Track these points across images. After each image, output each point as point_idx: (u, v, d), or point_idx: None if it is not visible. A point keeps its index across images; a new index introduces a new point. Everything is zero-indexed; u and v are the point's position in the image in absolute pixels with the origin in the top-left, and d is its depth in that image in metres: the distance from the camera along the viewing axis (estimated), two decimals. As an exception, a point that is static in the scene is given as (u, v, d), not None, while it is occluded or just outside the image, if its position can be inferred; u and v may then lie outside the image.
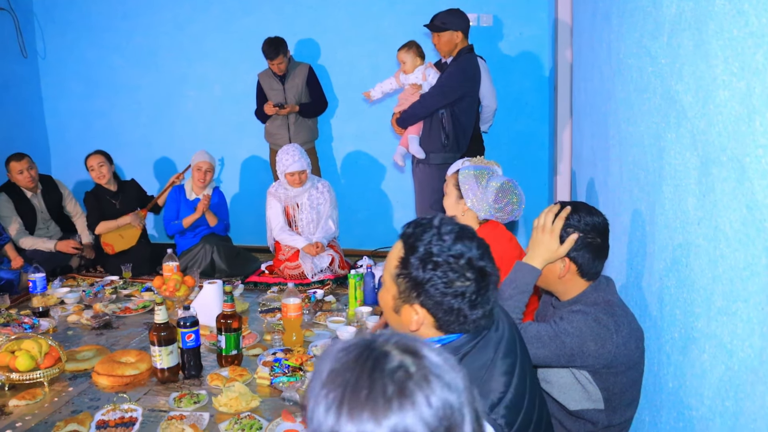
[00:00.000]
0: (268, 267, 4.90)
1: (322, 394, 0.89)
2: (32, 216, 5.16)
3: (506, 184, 2.70)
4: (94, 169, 5.12)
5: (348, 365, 0.90)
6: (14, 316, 3.87)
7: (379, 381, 0.87)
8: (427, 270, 1.43)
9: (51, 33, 6.16)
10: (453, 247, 1.43)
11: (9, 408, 2.79)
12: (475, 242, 1.47)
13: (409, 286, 1.46)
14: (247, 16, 5.69)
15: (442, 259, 1.42)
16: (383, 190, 5.75)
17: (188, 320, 2.99)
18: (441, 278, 1.42)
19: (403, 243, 1.50)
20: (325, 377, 0.91)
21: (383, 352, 0.91)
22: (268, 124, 5.35)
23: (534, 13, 5.19)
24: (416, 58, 4.26)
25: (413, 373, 0.88)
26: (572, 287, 2.03)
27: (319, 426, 0.88)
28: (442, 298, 1.43)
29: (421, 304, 1.47)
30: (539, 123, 5.35)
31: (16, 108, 5.96)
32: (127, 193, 5.30)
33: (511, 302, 2.05)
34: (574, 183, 4.01)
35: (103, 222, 5.10)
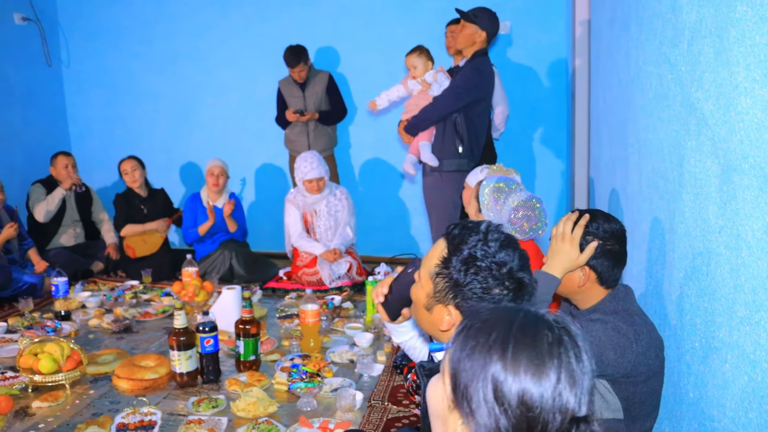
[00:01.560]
0: (286, 273, 4.92)
1: (481, 338, 0.94)
2: (61, 211, 5.28)
3: (525, 202, 2.62)
4: (128, 172, 5.23)
5: (509, 313, 0.97)
6: (37, 319, 3.93)
7: (542, 329, 0.94)
8: (469, 273, 1.43)
9: (74, 42, 6.25)
10: (498, 255, 1.43)
11: (32, 409, 2.82)
12: (518, 253, 1.47)
13: (448, 286, 1.47)
14: (265, 24, 5.74)
15: (485, 264, 1.43)
16: (401, 197, 5.76)
17: (207, 325, 3.02)
18: (481, 283, 1.43)
19: (448, 243, 1.49)
20: (482, 325, 0.97)
21: (538, 313, 0.98)
22: (288, 130, 5.39)
23: (551, 20, 5.19)
24: (427, 63, 4.17)
25: (565, 333, 0.96)
26: (591, 296, 2.02)
27: (474, 378, 0.92)
28: (479, 302, 1.43)
29: (455, 306, 1.47)
30: (557, 130, 5.34)
31: (41, 114, 6.06)
32: (155, 201, 5.39)
33: None
34: (592, 191, 3.99)
35: (130, 225, 5.19)
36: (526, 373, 0.89)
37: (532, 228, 2.62)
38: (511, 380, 0.89)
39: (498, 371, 0.90)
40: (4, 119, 5.63)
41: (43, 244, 5.21)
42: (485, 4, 4.34)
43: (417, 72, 4.14)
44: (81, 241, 5.40)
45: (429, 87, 4.09)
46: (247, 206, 5.97)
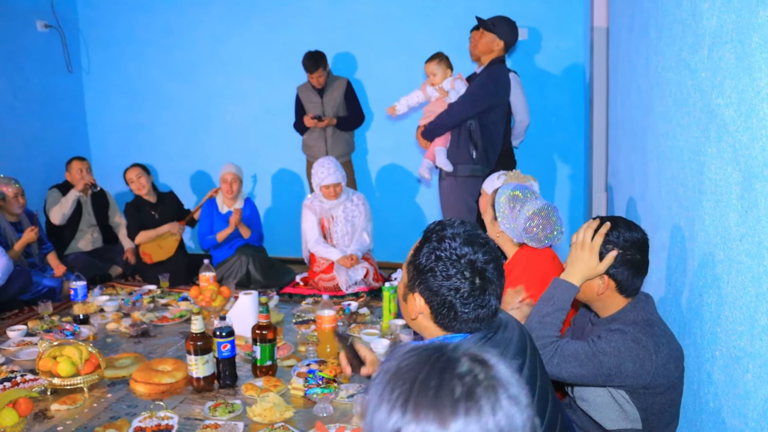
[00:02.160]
0: (303, 279, 4.93)
1: (386, 392, 0.89)
2: (77, 215, 5.33)
3: (540, 211, 2.59)
4: (134, 181, 5.26)
5: (418, 363, 0.91)
6: (56, 322, 3.97)
7: (449, 381, 0.87)
8: (431, 259, 1.53)
9: (95, 48, 6.32)
10: (460, 248, 1.52)
11: (51, 412, 2.85)
12: (484, 249, 1.54)
13: (414, 273, 1.58)
14: (284, 30, 5.77)
15: (446, 254, 1.52)
16: (417, 203, 5.76)
17: (224, 330, 3.03)
18: (441, 271, 1.51)
19: (423, 236, 1.61)
20: (392, 375, 0.91)
21: (454, 357, 0.91)
22: (306, 136, 5.41)
23: (570, 26, 5.17)
24: (447, 70, 4.22)
25: (482, 380, 0.88)
26: (611, 304, 2.00)
27: (381, 428, 0.87)
28: (438, 289, 1.52)
29: (420, 293, 1.57)
30: (575, 137, 5.32)
31: (61, 120, 6.13)
32: (165, 205, 5.42)
33: (548, 319, 2.02)
34: (610, 198, 3.97)
35: (143, 231, 5.22)
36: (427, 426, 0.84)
37: (547, 236, 2.61)
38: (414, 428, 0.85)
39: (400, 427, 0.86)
40: (26, 125, 5.71)
41: (61, 249, 5.27)
42: (504, 10, 4.35)
43: (436, 79, 4.19)
44: (99, 245, 5.46)
45: (446, 95, 4.13)
46: (264, 212, 5.99)
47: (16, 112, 5.61)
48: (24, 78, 5.69)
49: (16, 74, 5.61)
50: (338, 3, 5.62)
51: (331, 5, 5.64)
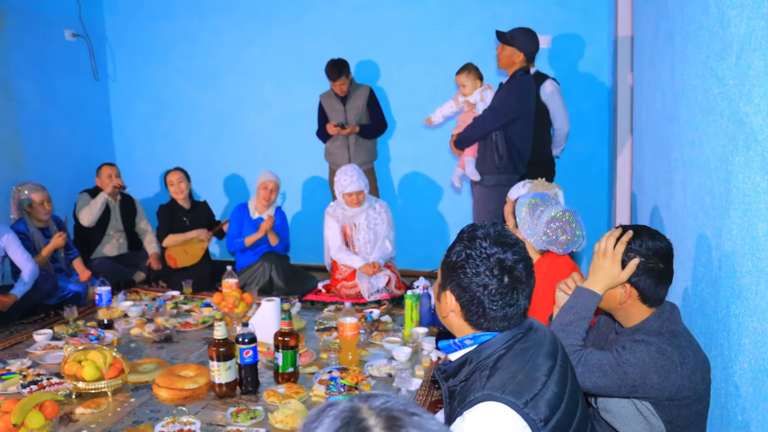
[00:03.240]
0: (325, 286, 4.94)
1: None
2: (105, 220, 5.40)
3: (560, 215, 2.59)
4: (174, 184, 5.33)
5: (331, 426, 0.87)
6: (81, 327, 4.02)
7: None
8: (461, 256, 1.59)
9: (121, 56, 6.41)
10: (490, 247, 1.57)
11: (75, 415, 2.88)
12: (514, 249, 1.58)
13: (446, 272, 1.63)
14: (307, 38, 5.81)
15: (476, 253, 1.57)
16: (440, 211, 5.75)
17: (246, 337, 3.04)
18: (471, 267, 1.56)
19: (457, 237, 1.66)
20: None
21: (364, 428, 0.86)
22: (329, 144, 5.43)
23: (593, 33, 5.14)
24: (476, 81, 4.28)
25: None
26: (634, 313, 1.98)
27: None
28: (468, 285, 1.57)
29: (451, 291, 1.62)
30: (598, 145, 5.28)
31: (88, 127, 6.22)
32: (198, 213, 5.48)
33: (571, 328, 2.01)
34: (634, 206, 3.93)
35: (171, 234, 5.27)
36: None
37: (568, 240, 2.59)
38: None
39: None
40: (53, 132, 5.80)
41: (87, 253, 5.33)
42: (526, 19, 4.35)
43: (466, 90, 4.30)
44: (124, 251, 5.52)
45: (474, 107, 4.20)
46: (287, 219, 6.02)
47: (45, 119, 5.70)
48: (52, 86, 5.79)
49: (44, 82, 5.70)
50: (361, 11, 5.64)
51: (353, 13, 5.66)
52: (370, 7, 5.62)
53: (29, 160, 5.52)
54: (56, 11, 5.80)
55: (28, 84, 5.53)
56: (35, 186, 4.82)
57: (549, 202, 2.65)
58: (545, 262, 2.66)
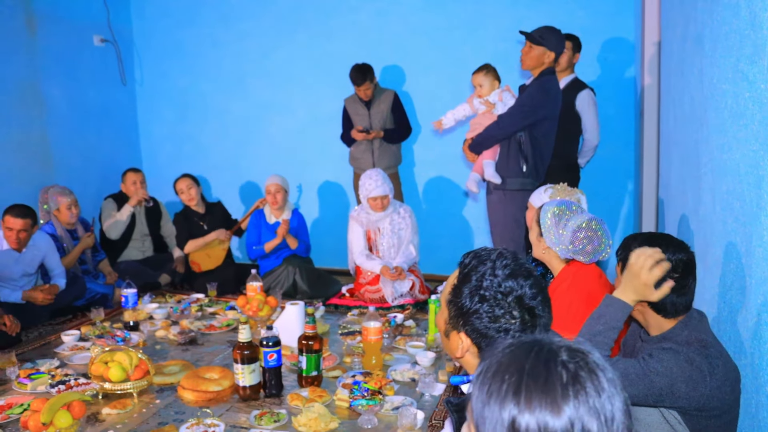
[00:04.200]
0: (349, 290, 4.95)
1: (494, 386, 0.92)
2: (131, 226, 5.46)
3: (587, 224, 2.56)
4: (184, 191, 5.36)
5: (522, 355, 0.94)
6: (108, 328, 4.06)
7: (555, 369, 0.91)
8: (474, 301, 1.45)
9: (148, 62, 6.49)
10: (504, 284, 1.44)
11: (102, 415, 2.92)
12: (531, 281, 1.46)
13: (457, 313, 1.50)
14: (331, 43, 5.83)
15: (489, 294, 1.44)
16: (464, 215, 5.73)
17: (271, 340, 3.05)
18: (487, 312, 1.44)
19: (460, 271, 1.53)
20: (496, 370, 0.94)
21: (552, 349, 0.94)
22: (353, 148, 5.45)
23: (619, 37, 5.10)
24: (494, 82, 4.18)
25: (583, 366, 0.92)
26: (661, 321, 1.95)
27: (493, 423, 0.90)
28: (486, 331, 1.45)
29: (466, 333, 1.49)
30: (624, 150, 5.23)
31: (115, 132, 6.31)
32: (213, 215, 5.51)
33: (599, 338, 1.97)
34: (661, 212, 3.88)
35: (191, 240, 5.31)
36: (542, 413, 0.88)
37: (595, 249, 2.56)
38: (528, 417, 0.89)
39: (515, 415, 0.89)
40: (81, 136, 5.88)
41: (114, 257, 5.39)
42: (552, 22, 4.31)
43: (483, 91, 4.15)
44: (149, 254, 5.58)
45: (493, 107, 4.10)
46: (310, 223, 6.04)
47: (73, 124, 5.79)
48: (80, 91, 5.88)
49: (73, 87, 5.79)
50: (385, 16, 5.66)
51: (378, 18, 5.68)
52: (394, 11, 5.63)
53: (57, 164, 5.61)
54: (85, 17, 5.89)
55: (57, 89, 5.62)
56: (62, 190, 4.89)
57: (575, 211, 2.61)
58: (570, 271, 2.62)
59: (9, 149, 5.17)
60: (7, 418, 2.89)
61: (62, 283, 4.60)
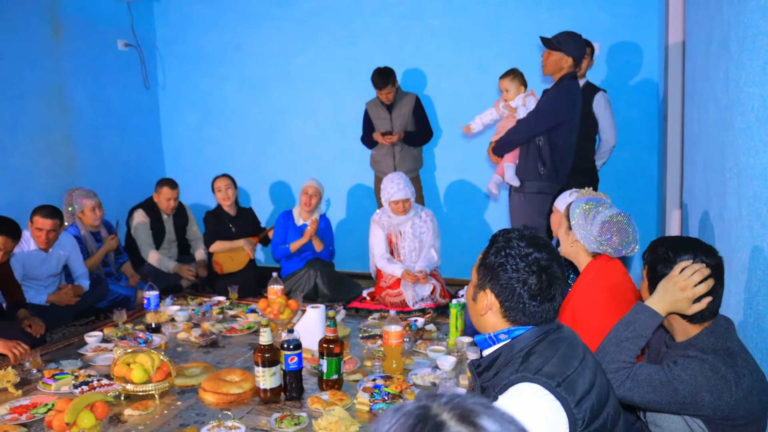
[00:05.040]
0: (370, 293, 4.95)
1: None
2: (161, 235, 5.50)
3: (615, 217, 2.57)
4: (221, 189, 5.40)
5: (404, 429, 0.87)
6: (130, 330, 4.09)
7: None
8: (500, 256, 1.67)
9: (171, 65, 6.55)
10: (525, 249, 1.66)
11: (124, 416, 2.94)
12: (546, 250, 1.67)
13: (484, 272, 1.71)
14: (353, 46, 5.85)
15: (514, 252, 1.66)
16: (486, 219, 5.71)
17: (292, 343, 3.06)
18: (511, 265, 1.65)
19: (490, 241, 1.75)
20: None
21: (438, 423, 0.85)
22: (375, 151, 5.45)
23: (642, 40, 5.06)
24: (520, 87, 4.21)
25: None
26: (687, 326, 1.93)
27: None
28: (508, 282, 1.65)
29: (491, 289, 1.69)
30: (647, 154, 5.18)
31: (138, 135, 6.37)
32: (243, 220, 5.54)
33: (626, 344, 1.95)
34: (685, 217, 3.84)
35: (218, 241, 5.35)
36: None
37: (622, 242, 2.55)
38: None
39: None
40: (105, 140, 5.95)
41: (137, 259, 5.43)
42: (574, 26, 4.29)
43: (509, 95, 4.20)
44: (175, 258, 5.61)
45: (515, 111, 4.13)
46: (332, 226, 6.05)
47: (97, 127, 5.86)
48: (104, 94, 5.94)
49: (97, 91, 5.86)
50: (407, 19, 5.66)
51: (399, 21, 5.68)
52: (416, 15, 5.63)
53: (81, 167, 5.67)
54: (110, 22, 5.96)
55: (81, 93, 5.69)
56: (86, 192, 4.95)
57: (604, 205, 2.63)
58: (596, 265, 2.61)
59: (35, 152, 5.24)
60: (32, 417, 2.93)
61: (86, 284, 4.68)
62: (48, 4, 5.34)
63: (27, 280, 4.41)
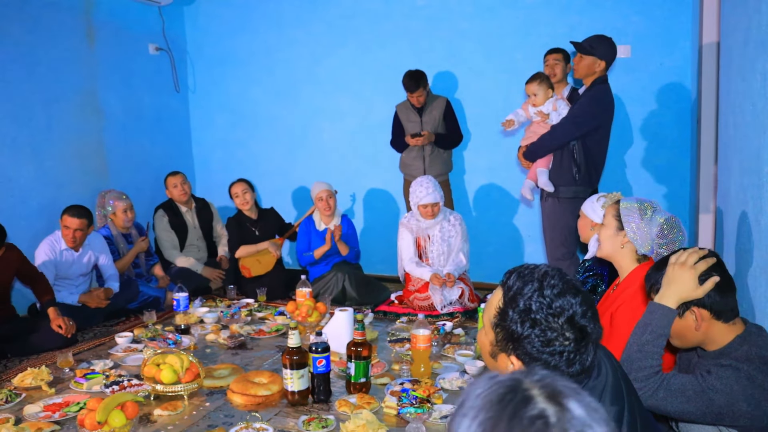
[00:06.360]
0: (398, 297, 4.93)
1: (463, 425, 0.89)
2: (184, 231, 5.55)
3: (672, 219, 2.53)
4: (239, 195, 5.43)
5: (491, 405, 0.89)
6: (159, 331, 4.13)
7: (517, 428, 0.85)
8: (525, 327, 1.40)
9: (200, 69, 6.62)
10: (553, 305, 1.39)
11: (154, 416, 2.96)
12: (580, 297, 1.41)
13: (506, 338, 1.44)
14: (382, 50, 5.85)
15: (540, 316, 1.39)
16: (514, 223, 5.67)
17: (320, 346, 3.05)
18: (539, 336, 1.39)
19: (504, 293, 1.47)
20: (470, 408, 0.91)
21: (527, 397, 0.88)
22: (404, 155, 5.44)
23: (675, 42, 4.98)
24: (548, 90, 4.19)
25: (552, 425, 0.85)
26: (715, 335, 1.89)
27: None
28: (539, 356, 1.40)
29: (516, 357, 1.44)
30: (680, 157, 5.09)
31: (168, 138, 6.44)
32: (266, 221, 5.57)
33: (648, 347, 1.93)
34: (719, 221, 3.76)
35: (243, 246, 5.38)
36: None
37: (677, 244, 2.51)
38: None
39: None
40: (136, 142, 6.03)
41: (166, 261, 5.48)
42: (605, 29, 4.25)
43: (537, 100, 4.18)
44: (204, 259, 5.65)
45: (547, 117, 4.10)
46: (360, 229, 6.06)
47: (128, 130, 5.94)
48: (136, 98, 6.02)
49: (129, 94, 5.94)
50: (436, 22, 5.64)
51: (429, 24, 5.67)
52: (445, 18, 5.62)
53: (112, 169, 5.75)
54: (141, 27, 6.04)
55: (113, 97, 5.77)
56: (118, 194, 5.02)
57: (657, 207, 2.59)
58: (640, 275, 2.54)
59: (68, 155, 5.32)
60: (65, 415, 2.97)
61: (116, 286, 4.74)
62: (82, 11, 5.43)
63: (59, 280, 4.49)
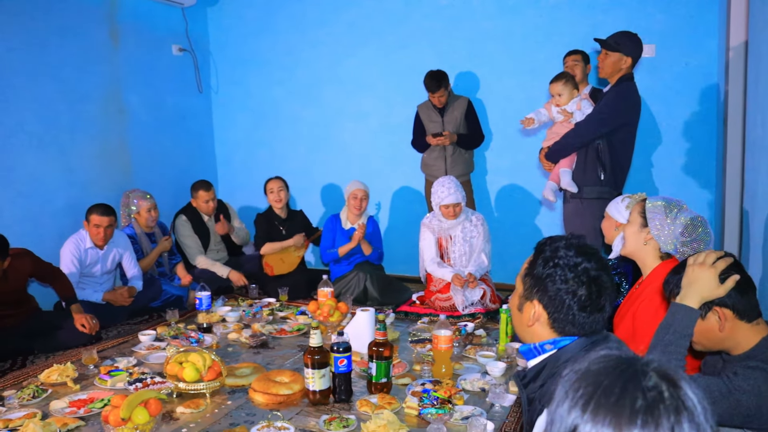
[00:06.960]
0: (419, 297, 4.93)
1: (571, 390, 0.93)
2: (206, 237, 5.58)
3: (697, 219, 2.51)
4: (273, 191, 5.47)
5: (606, 369, 0.94)
6: (182, 329, 4.16)
7: (632, 392, 0.89)
8: (548, 267, 1.63)
9: (223, 69, 6.66)
10: (574, 258, 1.62)
11: (176, 414, 2.98)
12: (595, 259, 1.63)
13: (532, 283, 1.67)
14: (403, 50, 5.84)
15: (563, 261, 1.62)
16: (536, 224, 5.63)
17: (341, 345, 3.05)
18: (560, 275, 1.61)
19: (535, 250, 1.72)
20: (580, 376, 0.95)
21: (642, 370, 0.92)
22: (426, 155, 5.42)
23: (701, 41, 4.91)
24: (573, 91, 4.13)
25: (666, 398, 0.89)
26: (739, 337, 1.86)
27: (560, 423, 0.92)
28: (557, 294, 1.61)
29: (539, 300, 1.65)
30: (706, 158, 5.03)
31: (191, 138, 6.49)
32: (294, 222, 5.59)
33: (672, 348, 1.91)
34: (746, 223, 3.71)
35: (269, 243, 5.40)
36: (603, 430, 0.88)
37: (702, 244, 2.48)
38: (590, 429, 0.88)
39: (578, 424, 0.90)
40: (159, 143, 6.07)
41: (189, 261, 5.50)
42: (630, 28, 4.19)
43: (561, 100, 4.10)
44: (225, 260, 5.67)
45: (571, 116, 4.04)
46: (382, 229, 6.05)
47: (151, 130, 5.99)
48: (159, 98, 6.07)
49: (152, 95, 5.99)
50: (458, 22, 5.63)
51: (450, 24, 5.65)
52: (467, 17, 5.60)
53: (136, 169, 5.80)
54: (165, 28, 6.09)
55: (137, 97, 5.82)
56: (143, 194, 5.06)
57: (684, 206, 2.56)
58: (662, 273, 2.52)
59: (92, 155, 5.38)
60: (89, 411, 3.00)
61: (139, 285, 4.79)
62: (106, 12, 5.48)
63: (83, 278, 4.55)
